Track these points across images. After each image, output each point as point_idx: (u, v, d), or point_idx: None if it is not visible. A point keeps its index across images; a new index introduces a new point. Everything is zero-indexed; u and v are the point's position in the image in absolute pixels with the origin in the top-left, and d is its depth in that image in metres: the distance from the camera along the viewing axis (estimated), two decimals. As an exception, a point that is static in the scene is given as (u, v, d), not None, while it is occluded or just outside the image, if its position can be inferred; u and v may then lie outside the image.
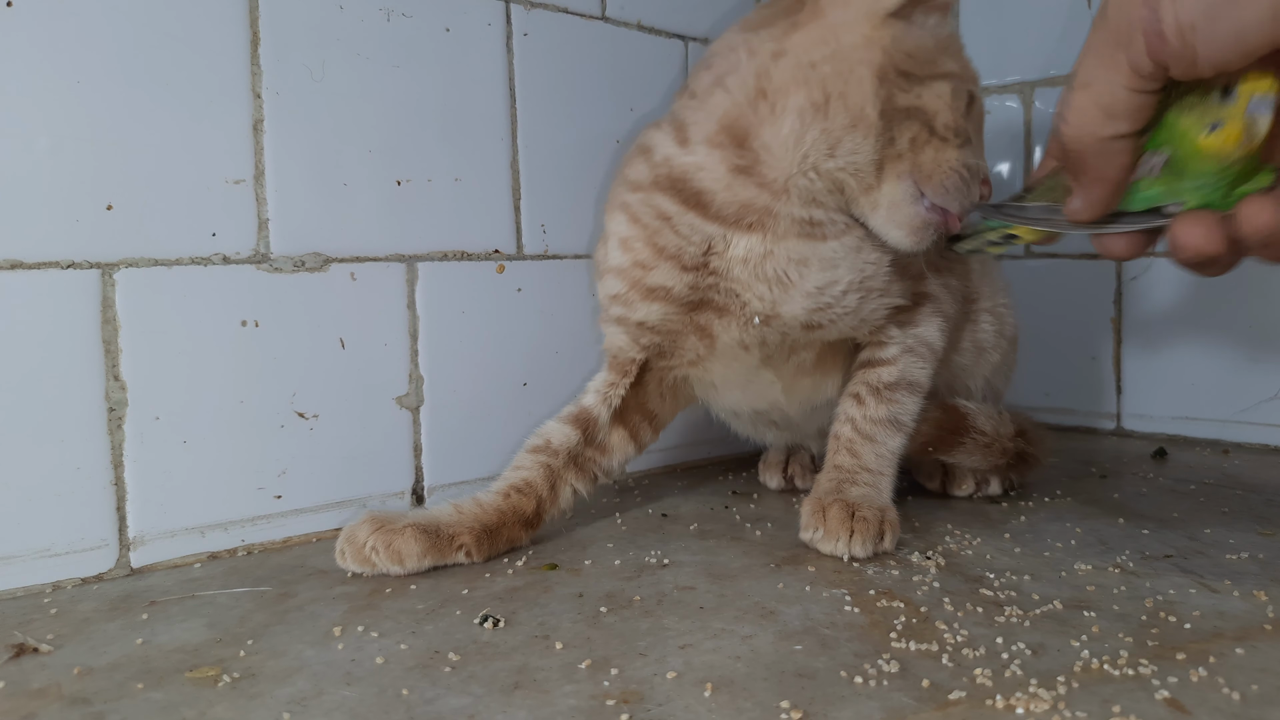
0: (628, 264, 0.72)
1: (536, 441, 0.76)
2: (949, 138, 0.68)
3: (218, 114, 0.70)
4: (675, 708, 0.46)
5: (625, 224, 0.72)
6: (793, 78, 0.66)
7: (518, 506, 0.72)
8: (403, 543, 0.65)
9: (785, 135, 0.66)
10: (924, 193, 0.68)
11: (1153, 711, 0.45)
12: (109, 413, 0.66)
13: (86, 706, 0.47)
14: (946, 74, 0.68)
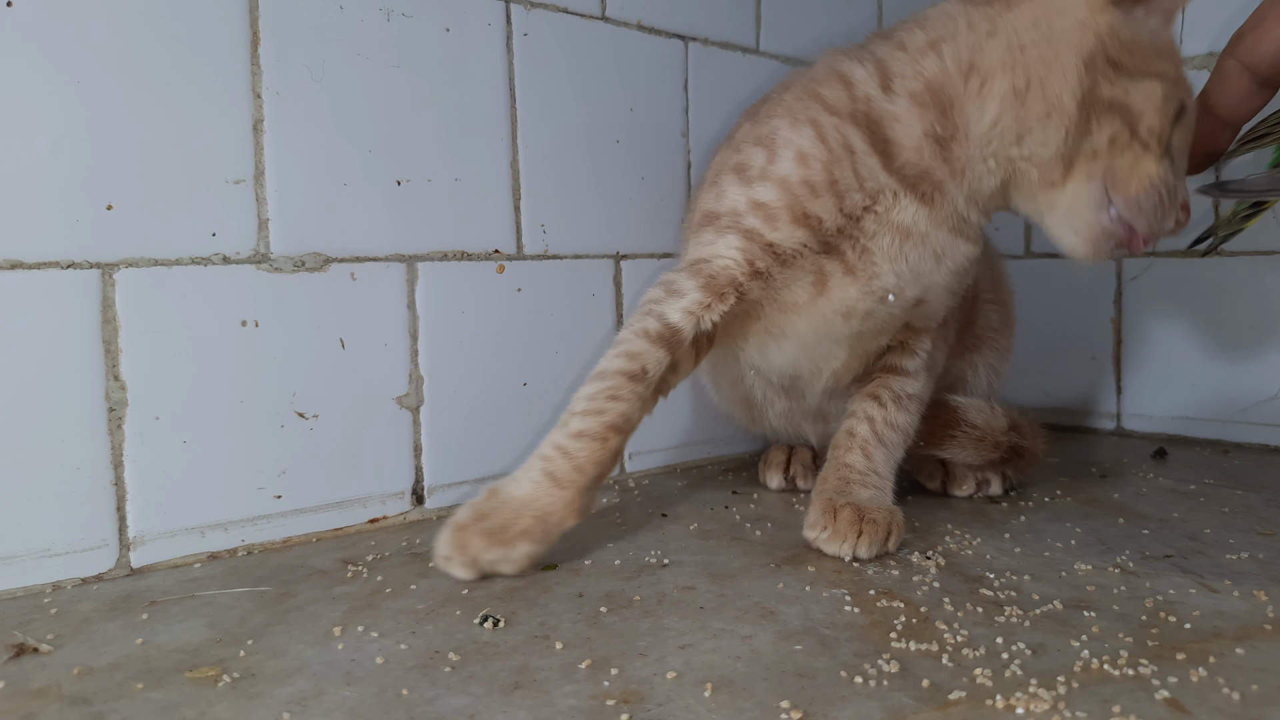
0: (797, 179, 0.68)
1: (631, 367, 0.68)
2: (1151, 145, 0.65)
3: (218, 114, 0.70)
4: (675, 708, 0.46)
5: (812, 140, 0.68)
6: (1001, 60, 0.65)
7: (615, 450, 0.68)
8: (517, 552, 0.64)
9: (986, 120, 0.66)
10: (1112, 200, 0.65)
11: (1153, 711, 0.45)
12: (109, 413, 0.66)
13: (86, 706, 0.47)
14: (1160, 74, 0.65)
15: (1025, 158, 0.66)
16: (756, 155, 0.70)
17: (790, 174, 0.68)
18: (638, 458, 0.96)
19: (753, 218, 0.69)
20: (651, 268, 0.96)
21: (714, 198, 0.72)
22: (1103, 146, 0.65)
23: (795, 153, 0.68)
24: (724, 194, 0.71)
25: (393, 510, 0.80)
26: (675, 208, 0.98)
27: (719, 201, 0.71)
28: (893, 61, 0.69)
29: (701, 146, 1.00)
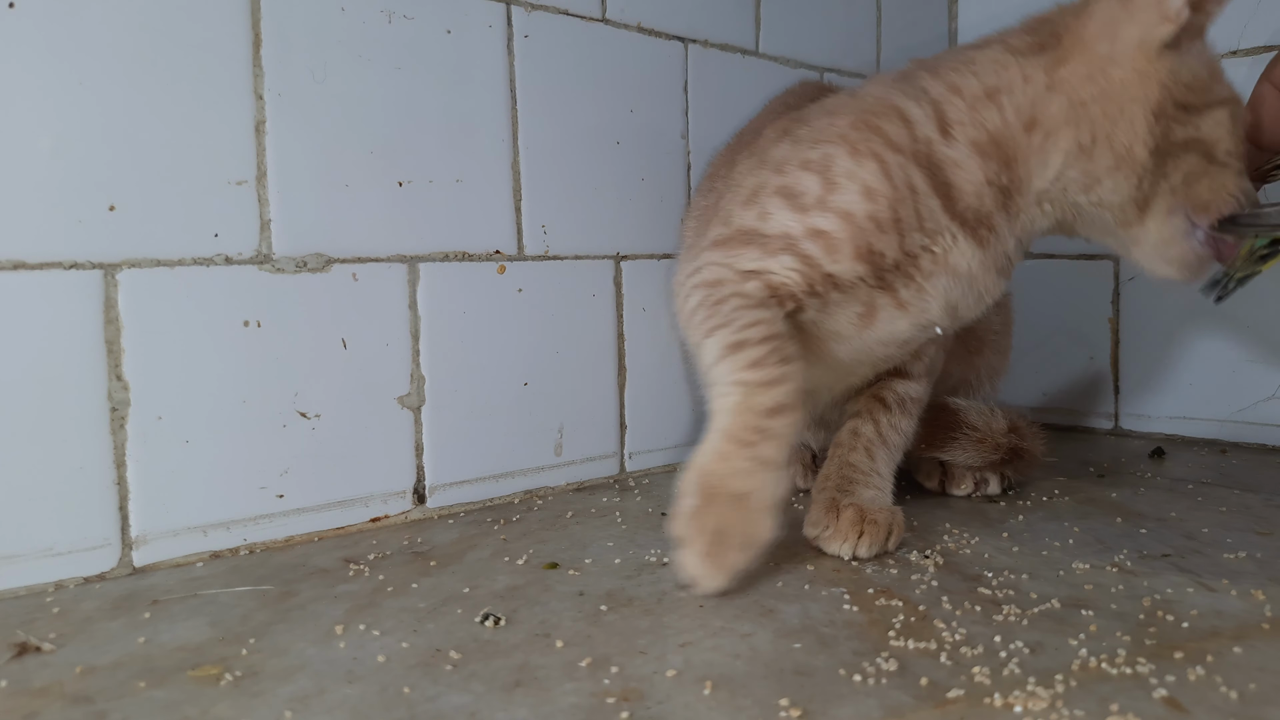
0: (862, 214, 0.66)
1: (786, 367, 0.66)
2: (1229, 163, 0.66)
3: (220, 115, 0.70)
4: (675, 705, 0.46)
5: (877, 176, 0.67)
6: (1064, 116, 0.65)
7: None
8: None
9: (1049, 174, 0.67)
10: (1196, 224, 0.66)
11: (1151, 710, 0.45)
12: (111, 413, 0.66)
13: (89, 705, 0.48)
14: (1223, 100, 0.66)
15: (1095, 203, 0.67)
16: (808, 181, 0.68)
17: (855, 208, 0.67)
18: (637, 457, 0.97)
19: (811, 245, 0.67)
20: (651, 268, 0.97)
21: (755, 216, 0.70)
22: (1179, 183, 0.65)
23: (861, 187, 0.67)
24: (770, 215, 0.69)
25: (394, 509, 0.80)
26: (675, 208, 0.99)
27: (764, 221, 0.69)
28: (949, 107, 0.68)
29: (701, 148, 1.00)
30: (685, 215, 0.95)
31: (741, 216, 0.71)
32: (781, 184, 0.69)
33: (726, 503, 0.61)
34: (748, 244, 0.69)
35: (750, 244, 0.69)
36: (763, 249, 0.69)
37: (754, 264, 0.68)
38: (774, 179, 0.70)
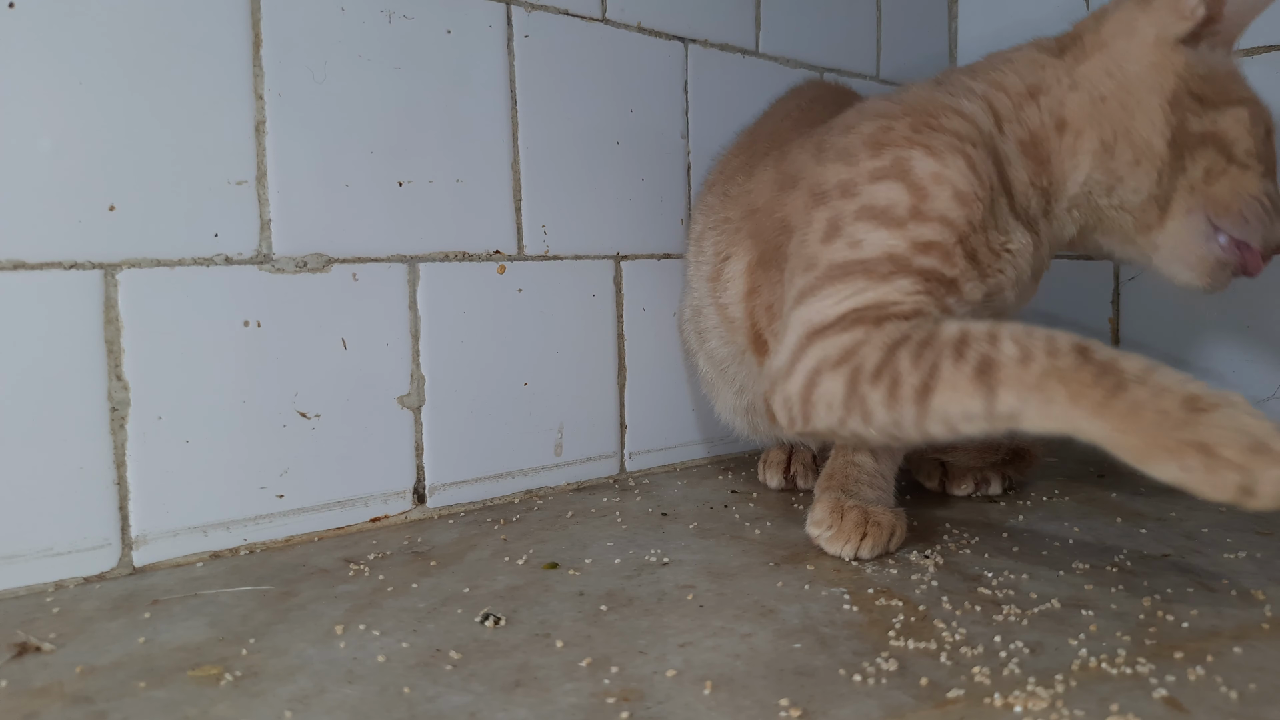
0: (959, 217, 0.63)
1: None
2: (1250, 164, 0.65)
3: (220, 115, 0.70)
4: (675, 705, 0.46)
5: (964, 172, 0.64)
6: (1087, 114, 0.66)
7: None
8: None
9: (1079, 177, 0.67)
10: (1219, 227, 0.65)
11: (1151, 710, 0.45)
12: (111, 412, 0.66)
13: (89, 705, 0.48)
14: (1242, 99, 0.66)
15: (1116, 206, 0.67)
16: (890, 191, 0.64)
17: (949, 210, 0.64)
18: (637, 457, 0.97)
19: (925, 259, 0.63)
20: (651, 268, 0.97)
21: (845, 247, 0.65)
22: (1199, 179, 0.65)
23: (954, 193, 0.64)
24: (862, 241, 0.64)
25: (394, 509, 0.80)
26: (675, 208, 0.99)
27: (857, 250, 0.64)
28: (997, 102, 0.68)
29: (701, 148, 1.00)
30: (695, 214, 0.94)
31: (829, 253, 0.66)
32: (861, 205, 0.65)
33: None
34: (847, 276, 0.64)
35: (850, 275, 0.64)
36: (868, 275, 0.64)
37: (862, 296, 0.63)
38: (848, 204, 0.65)
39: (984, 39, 1.28)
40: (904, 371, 0.59)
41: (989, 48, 1.25)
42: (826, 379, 0.63)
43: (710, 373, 0.89)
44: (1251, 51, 1.04)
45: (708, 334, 0.87)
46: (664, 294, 0.98)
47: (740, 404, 0.89)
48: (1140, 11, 0.67)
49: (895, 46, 1.22)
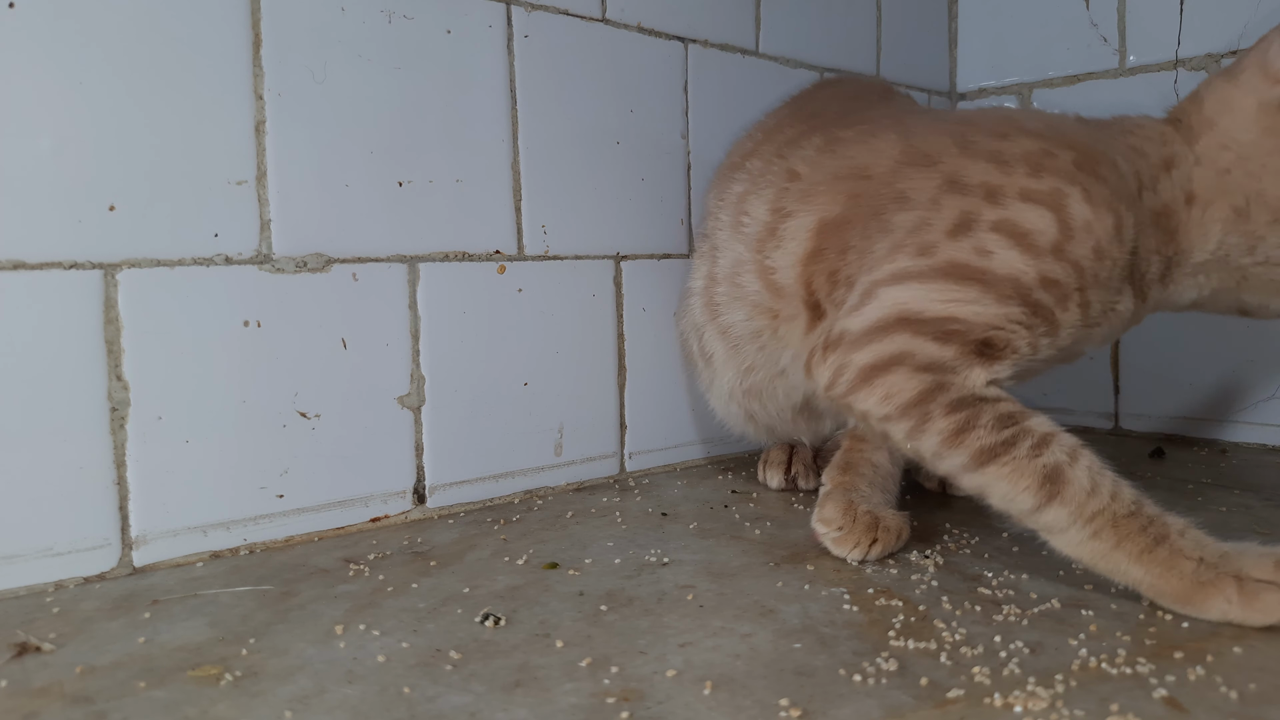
0: (1089, 268, 0.64)
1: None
2: None
3: (220, 115, 0.70)
4: (675, 705, 0.46)
5: (1111, 233, 0.64)
6: (1214, 187, 0.68)
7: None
8: None
9: (1209, 246, 0.68)
10: None
11: (1151, 710, 0.45)
12: (111, 412, 0.66)
13: (89, 705, 0.48)
14: None
15: (1262, 262, 0.68)
16: (1038, 218, 0.63)
17: (1085, 260, 0.63)
18: (637, 457, 0.97)
19: (1043, 294, 0.63)
20: (651, 268, 0.97)
21: (970, 250, 0.63)
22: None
23: (1095, 243, 0.64)
24: (993, 254, 0.63)
25: (394, 509, 0.80)
26: (675, 209, 0.99)
27: (986, 259, 0.63)
28: (1141, 168, 0.69)
29: (701, 148, 1.00)
30: (727, 181, 0.88)
31: (952, 249, 0.64)
32: (1003, 217, 0.64)
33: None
34: (963, 280, 0.63)
35: (966, 281, 0.63)
36: (985, 290, 0.62)
37: (970, 308, 0.62)
38: (989, 210, 0.64)
39: (984, 39, 1.28)
40: (981, 428, 0.60)
41: (989, 48, 1.26)
42: (902, 375, 0.62)
43: (716, 349, 0.85)
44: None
45: (729, 305, 0.81)
46: (664, 294, 0.98)
47: (742, 386, 0.85)
48: (1233, 87, 0.68)
49: (895, 46, 1.22)
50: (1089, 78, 1.17)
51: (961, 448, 0.60)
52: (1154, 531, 0.57)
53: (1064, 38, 1.19)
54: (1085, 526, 0.57)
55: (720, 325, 0.83)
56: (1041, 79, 1.21)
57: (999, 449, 0.59)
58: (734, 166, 0.88)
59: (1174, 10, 1.10)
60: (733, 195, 0.83)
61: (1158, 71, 1.11)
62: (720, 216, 0.84)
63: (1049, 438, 0.59)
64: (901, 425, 0.62)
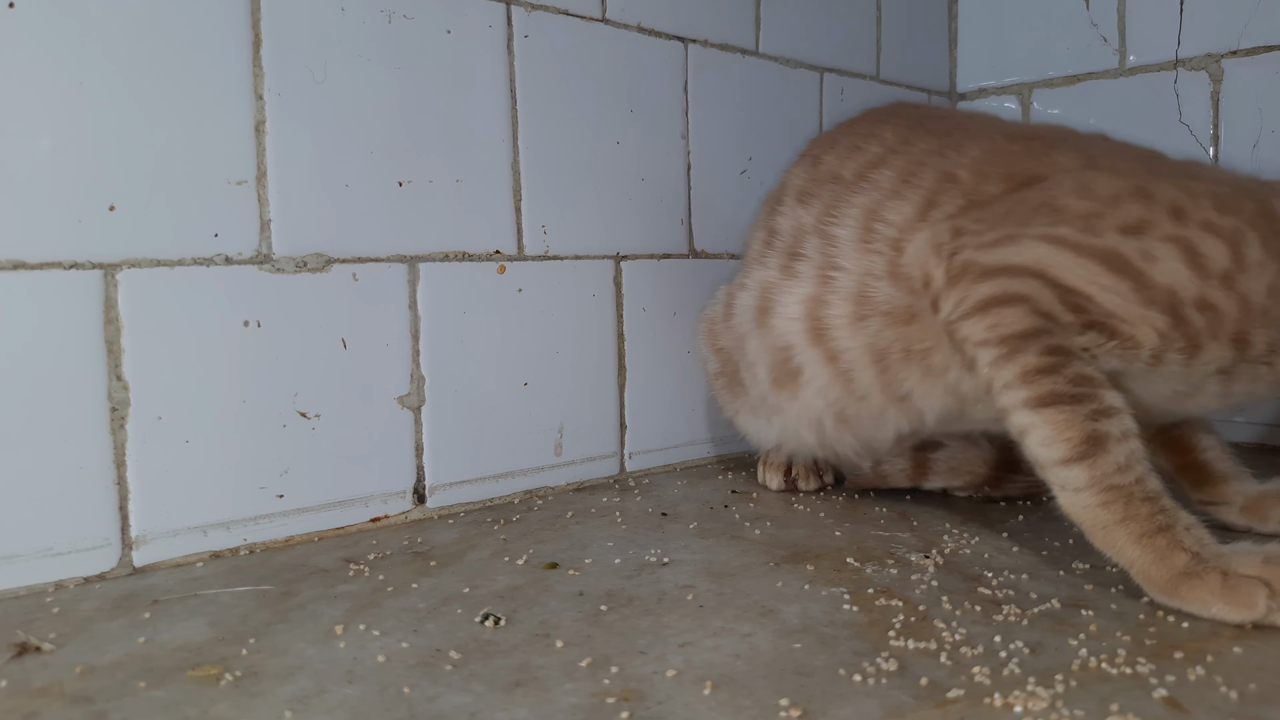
0: (1259, 306, 0.64)
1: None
2: None
3: (220, 115, 0.70)
4: (675, 705, 0.46)
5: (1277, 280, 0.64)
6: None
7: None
8: None
9: None
10: None
11: (1151, 710, 0.45)
12: (111, 412, 0.66)
13: (89, 705, 0.48)
14: None
15: None
16: (1218, 250, 0.63)
17: (1254, 296, 0.63)
18: (637, 457, 0.97)
19: (1194, 314, 0.63)
20: (651, 268, 0.97)
21: (1136, 253, 0.63)
22: None
23: (1268, 284, 0.63)
24: (1158, 262, 0.63)
25: (394, 509, 0.80)
26: (675, 209, 0.99)
27: (1147, 263, 0.63)
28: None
29: (701, 148, 1.00)
30: (771, 215, 0.88)
31: (1116, 241, 0.64)
32: (1180, 234, 0.64)
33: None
34: (1117, 272, 0.64)
35: (1120, 273, 0.64)
36: (1138, 290, 0.63)
37: (1113, 301, 0.63)
38: (1168, 224, 0.64)
39: (984, 39, 1.28)
40: (1061, 377, 0.62)
41: (989, 48, 1.26)
42: (1018, 312, 0.64)
43: (813, 375, 0.81)
44: (1251, 51, 1.04)
45: (850, 327, 0.77)
46: (664, 294, 0.98)
47: (833, 411, 0.81)
48: None
49: (895, 46, 1.22)
50: (1089, 78, 1.17)
51: (1033, 385, 0.62)
52: (1161, 520, 0.58)
53: (1064, 38, 1.19)
54: (1100, 494, 0.59)
55: (829, 350, 0.79)
56: (1041, 79, 1.21)
57: (1065, 398, 0.61)
58: (828, 182, 0.84)
59: (1174, 10, 1.10)
60: (854, 210, 0.80)
61: (1158, 71, 1.11)
62: (831, 233, 0.81)
63: (1111, 411, 0.61)
64: (992, 352, 0.64)
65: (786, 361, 0.82)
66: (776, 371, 0.82)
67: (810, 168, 0.88)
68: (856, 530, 0.76)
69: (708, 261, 1.02)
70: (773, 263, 0.85)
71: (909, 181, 0.79)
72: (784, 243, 0.85)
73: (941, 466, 0.84)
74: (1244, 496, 0.76)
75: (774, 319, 0.82)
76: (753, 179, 1.06)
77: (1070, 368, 0.62)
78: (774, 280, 0.83)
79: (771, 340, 0.82)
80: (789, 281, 0.82)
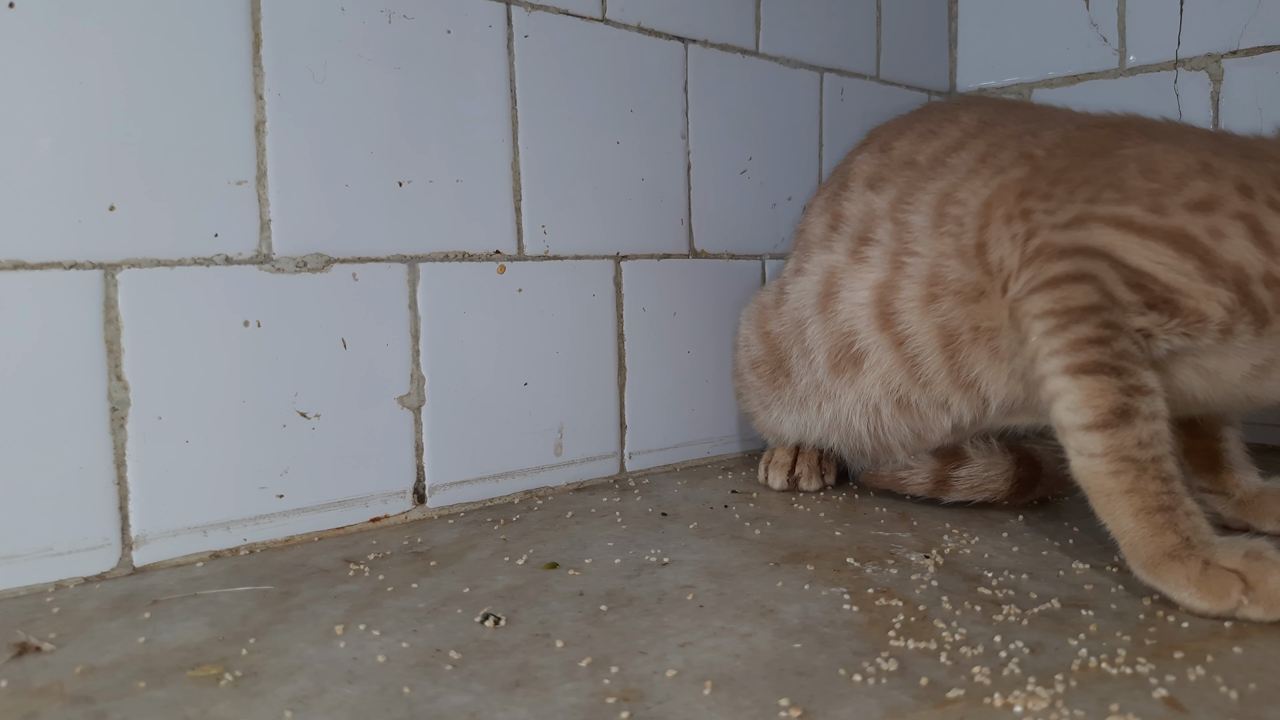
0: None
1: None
2: None
3: (220, 115, 0.70)
4: (675, 705, 0.46)
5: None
6: None
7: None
8: None
9: None
10: None
11: (1151, 710, 0.45)
12: (111, 412, 0.66)
13: (89, 705, 0.48)
14: None
15: None
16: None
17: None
18: (637, 457, 0.97)
19: (1262, 290, 0.63)
20: (651, 268, 0.97)
21: (1204, 230, 0.64)
22: None
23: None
24: (1226, 239, 0.64)
25: (394, 509, 0.80)
26: (675, 209, 0.99)
27: (1215, 240, 0.64)
28: None
29: (701, 148, 1.00)
30: (818, 213, 0.88)
31: (1183, 220, 0.65)
32: (1249, 211, 0.64)
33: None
34: (1184, 252, 0.64)
35: (1186, 253, 0.64)
36: (1203, 267, 0.64)
37: (1179, 278, 0.64)
38: (1237, 201, 0.65)
39: (984, 39, 1.28)
40: (1107, 349, 0.63)
41: (989, 48, 1.26)
42: (1084, 289, 0.65)
43: (878, 359, 0.81)
44: (1251, 51, 1.04)
45: (920, 310, 0.78)
46: (664, 294, 0.98)
47: (895, 397, 0.82)
48: None
49: (895, 46, 1.22)
50: (1089, 78, 1.17)
51: (1078, 354, 0.64)
52: (1164, 500, 0.60)
53: (1064, 38, 1.19)
54: (1114, 463, 0.61)
55: (896, 335, 0.79)
56: (1041, 79, 1.21)
57: (1105, 369, 0.63)
58: (901, 168, 0.85)
59: (1174, 10, 1.10)
60: (929, 195, 0.80)
61: (1158, 71, 1.11)
62: (905, 219, 0.81)
63: (1145, 389, 0.62)
64: (1050, 322, 0.66)
65: (850, 347, 0.82)
66: (837, 357, 0.83)
67: (880, 154, 0.88)
68: (856, 530, 0.76)
69: (708, 261, 1.02)
70: (840, 247, 0.84)
71: (986, 162, 0.79)
72: (852, 228, 0.85)
73: (963, 485, 0.83)
74: (1242, 492, 0.76)
75: (839, 304, 0.82)
76: (753, 179, 1.06)
77: (1119, 343, 0.63)
78: (841, 265, 0.83)
79: (835, 325, 0.83)
80: (858, 266, 0.82)
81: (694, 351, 1.00)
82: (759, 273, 1.07)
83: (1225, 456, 0.77)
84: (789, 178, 1.09)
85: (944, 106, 0.91)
